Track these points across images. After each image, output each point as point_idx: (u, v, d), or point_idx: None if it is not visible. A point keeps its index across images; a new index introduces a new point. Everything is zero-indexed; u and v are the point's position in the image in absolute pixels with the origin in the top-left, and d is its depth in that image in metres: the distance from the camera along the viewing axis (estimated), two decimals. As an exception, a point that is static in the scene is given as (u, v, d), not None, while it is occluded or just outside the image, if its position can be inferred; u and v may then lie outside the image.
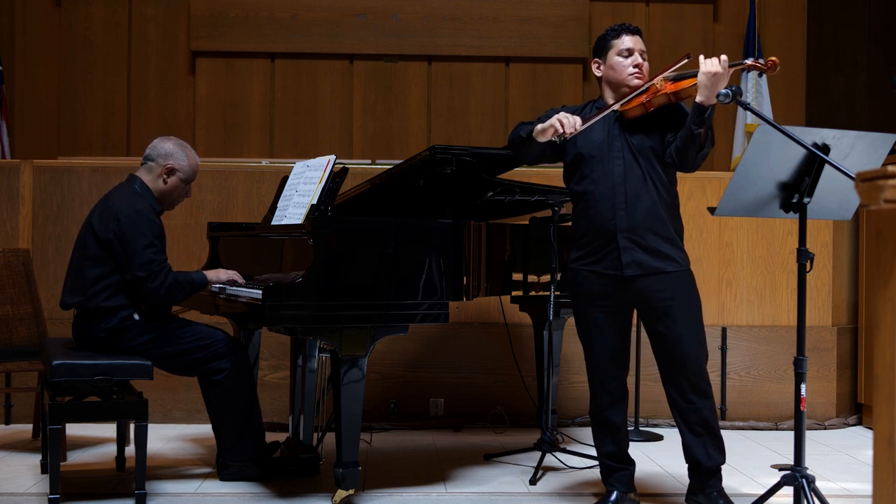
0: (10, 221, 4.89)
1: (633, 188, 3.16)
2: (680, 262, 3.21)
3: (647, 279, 3.17)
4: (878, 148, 2.94)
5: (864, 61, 7.82)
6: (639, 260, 3.16)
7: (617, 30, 3.30)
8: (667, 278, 3.17)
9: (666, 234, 3.19)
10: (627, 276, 3.17)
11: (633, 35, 3.28)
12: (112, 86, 7.50)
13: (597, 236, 3.21)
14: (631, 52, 3.24)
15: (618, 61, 3.25)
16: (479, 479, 3.80)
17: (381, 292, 3.30)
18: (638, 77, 3.23)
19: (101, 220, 3.55)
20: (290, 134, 7.55)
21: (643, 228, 3.15)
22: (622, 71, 3.24)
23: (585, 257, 3.26)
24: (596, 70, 3.33)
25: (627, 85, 3.23)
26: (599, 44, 3.32)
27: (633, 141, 3.19)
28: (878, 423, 1.62)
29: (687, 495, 3.34)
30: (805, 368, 2.95)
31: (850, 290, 5.21)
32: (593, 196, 3.21)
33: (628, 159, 3.18)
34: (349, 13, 7.50)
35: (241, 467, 3.67)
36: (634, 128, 3.20)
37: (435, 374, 4.93)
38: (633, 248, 3.16)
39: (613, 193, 3.17)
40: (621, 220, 3.16)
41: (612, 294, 3.22)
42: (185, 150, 3.72)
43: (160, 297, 3.51)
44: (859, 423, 5.11)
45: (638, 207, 3.15)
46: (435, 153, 3.49)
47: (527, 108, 7.63)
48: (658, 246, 3.17)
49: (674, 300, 3.18)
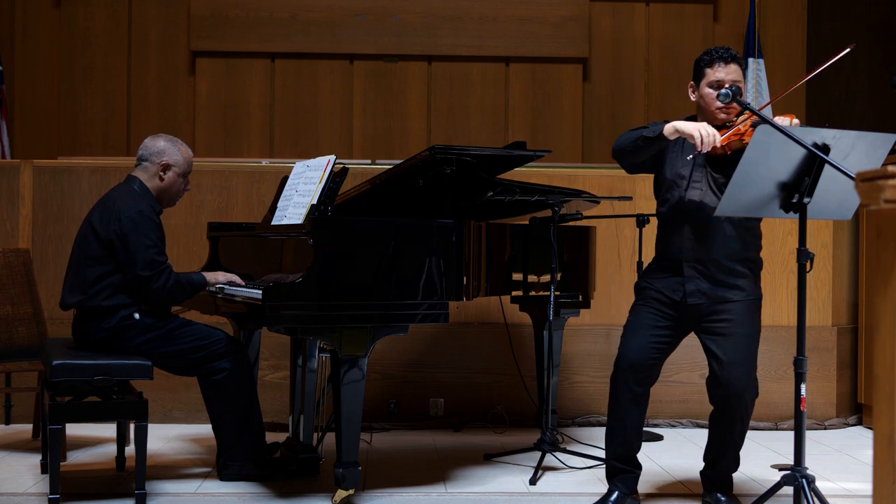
0: (10, 221, 4.89)
1: (706, 219, 3.16)
2: (748, 292, 3.20)
3: (709, 307, 3.19)
4: (878, 148, 2.94)
5: (864, 61, 7.82)
6: (703, 290, 3.18)
7: (710, 56, 3.22)
8: (730, 305, 3.18)
9: (735, 267, 3.18)
10: (690, 303, 3.19)
11: (726, 64, 3.19)
12: (112, 86, 7.50)
13: (667, 260, 3.25)
14: (721, 85, 3.18)
15: (707, 93, 3.21)
16: (479, 479, 3.80)
17: (381, 292, 3.30)
18: (723, 112, 3.19)
19: (102, 219, 3.55)
20: (290, 134, 7.55)
21: (710, 260, 3.17)
22: (710, 104, 3.21)
23: (654, 275, 3.30)
24: (691, 94, 3.30)
25: (715, 118, 3.20)
26: (695, 68, 3.27)
27: (714, 175, 3.19)
28: (878, 423, 1.62)
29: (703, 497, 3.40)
30: (805, 368, 2.95)
31: (850, 290, 5.21)
32: (669, 220, 3.25)
33: (706, 191, 3.19)
34: (349, 13, 7.50)
35: (241, 467, 3.67)
36: (717, 163, 3.19)
37: (435, 374, 4.93)
38: (697, 278, 3.18)
39: (685, 221, 3.19)
40: (687, 250, 3.18)
41: (671, 310, 3.24)
42: (177, 145, 3.73)
43: (163, 298, 3.52)
44: (859, 423, 5.11)
45: (707, 239, 3.17)
46: (435, 153, 3.49)
47: (527, 108, 7.64)
48: (725, 278, 3.18)
49: (729, 322, 3.17)
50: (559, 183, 4.40)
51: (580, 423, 4.88)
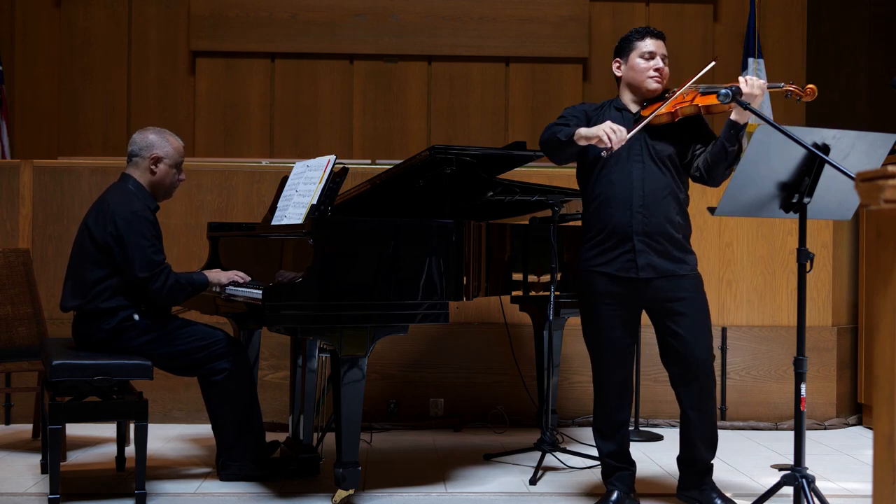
0: (10, 221, 4.89)
1: (651, 192, 3.19)
2: (691, 265, 3.26)
3: (660, 281, 3.21)
4: (878, 148, 2.94)
5: (864, 61, 7.82)
6: (653, 263, 3.19)
7: (641, 32, 3.32)
8: (679, 281, 3.22)
9: (679, 238, 3.23)
10: (642, 278, 3.19)
11: (656, 39, 3.30)
12: (112, 86, 7.50)
13: (610, 237, 3.24)
14: (653, 56, 3.27)
15: (638, 63, 3.28)
16: (479, 479, 3.80)
17: (381, 292, 3.30)
18: (657, 81, 3.27)
19: (98, 222, 3.55)
20: (290, 134, 7.55)
21: (658, 232, 3.19)
22: (642, 73, 3.28)
23: (597, 257, 3.28)
24: (616, 70, 3.36)
25: (646, 88, 3.28)
26: (622, 44, 3.34)
27: (654, 146, 3.22)
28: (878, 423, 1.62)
29: (679, 490, 3.39)
30: (805, 368, 2.95)
31: (850, 290, 5.21)
32: (610, 197, 3.23)
33: (647, 163, 3.20)
34: (349, 13, 7.50)
35: (241, 467, 3.67)
36: (656, 134, 3.23)
37: (435, 374, 4.93)
38: (647, 252, 3.19)
39: (631, 196, 3.19)
40: (637, 223, 3.18)
41: (622, 294, 3.25)
42: (166, 136, 3.72)
43: (162, 298, 3.51)
44: (859, 423, 5.11)
45: (654, 211, 3.18)
46: (435, 153, 3.49)
47: (527, 108, 7.64)
48: (671, 250, 3.21)
49: (684, 301, 3.22)
50: (559, 183, 4.40)
51: (580, 423, 4.88)
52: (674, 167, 3.23)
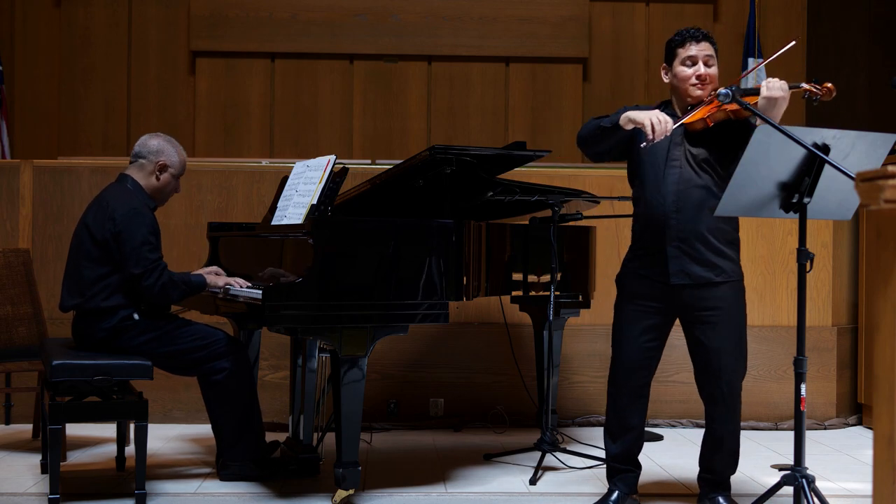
0: (10, 221, 4.89)
1: (687, 198, 3.15)
2: (729, 273, 3.19)
3: (693, 289, 3.16)
4: (878, 148, 2.94)
5: (864, 61, 7.82)
6: (687, 269, 3.15)
7: (682, 36, 3.24)
8: (714, 289, 3.16)
9: (715, 243, 3.16)
10: (675, 284, 3.16)
11: (698, 42, 3.21)
12: (112, 86, 7.50)
13: (647, 242, 3.22)
14: (694, 62, 3.20)
15: (681, 70, 3.22)
16: (479, 479, 3.80)
17: (381, 292, 3.30)
18: (699, 88, 3.20)
19: (96, 220, 3.55)
20: (290, 134, 7.55)
21: (693, 238, 3.14)
22: (684, 81, 3.21)
23: (634, 260, 3.28)
24: (664, 76, 3.31)
25: (689, 95, 3.21)
26: (667, 49, 3.29)
27: (692, 151, 3.18)
28: (878, 423, 1.62)
29: (699, 499, 3.37)
30: (805, 368, 2.95)
31: (850, 290, 5.21)
32: (646, 202, 3.22)
33: (685, 168, 3.17)
34: (349, 13, 7.50)
35: (241, 467, 3.67)
36: (696, 139, 3.18)
37: (435, 374, 4.93)
38: (681, 257, 3.15)
39: (665, 201, 3.16)
40: (671, 229, 3.15)
41: (653, 297, 3.22)
42: (175, 146, 3.73)
43: (154, 296, 3.50)
44: (859, 423, 5.11)
45: (689, 216, 3.14)
46: (435, 153, 3.49)
47: (527, 108, 7.64)
48: (708, 256, 3.15)
49: (717, 311, 3.17)
50: (559, 183, 4.40)
51: (580, 423, 4.88)
52: (713, 171, 3.17)
